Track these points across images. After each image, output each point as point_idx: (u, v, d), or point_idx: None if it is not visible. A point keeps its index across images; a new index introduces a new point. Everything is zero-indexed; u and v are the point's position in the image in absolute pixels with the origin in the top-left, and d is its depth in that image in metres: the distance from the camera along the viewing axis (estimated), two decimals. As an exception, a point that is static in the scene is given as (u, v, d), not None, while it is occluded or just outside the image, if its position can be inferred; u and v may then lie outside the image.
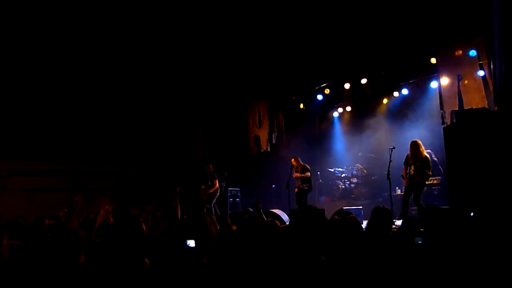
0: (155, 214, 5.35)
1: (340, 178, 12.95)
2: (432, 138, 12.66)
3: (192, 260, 2.77)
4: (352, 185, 12.49)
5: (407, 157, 7.90)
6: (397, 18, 8.98)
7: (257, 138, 12.70)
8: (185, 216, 5.45)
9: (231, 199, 11.54)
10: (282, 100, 13.09)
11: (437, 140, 12.40)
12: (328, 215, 6.12)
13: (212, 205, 10.35)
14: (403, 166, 7.97)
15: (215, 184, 10.31)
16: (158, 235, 3.90)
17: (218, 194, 10.50)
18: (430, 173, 7.67)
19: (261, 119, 12.81)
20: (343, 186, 12.69)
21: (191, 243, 3.13)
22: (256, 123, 12.71)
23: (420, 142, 7.91)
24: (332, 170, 13.47)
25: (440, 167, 10.47)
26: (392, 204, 7.61)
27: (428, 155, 7.88)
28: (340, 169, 13.44)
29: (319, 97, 13.28)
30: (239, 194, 12.01)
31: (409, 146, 7.90)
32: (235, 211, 10.15)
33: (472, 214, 4.68)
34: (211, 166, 10.65)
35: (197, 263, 2.63)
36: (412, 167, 7.67)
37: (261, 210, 5.45)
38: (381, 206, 3.80)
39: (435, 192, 10.04)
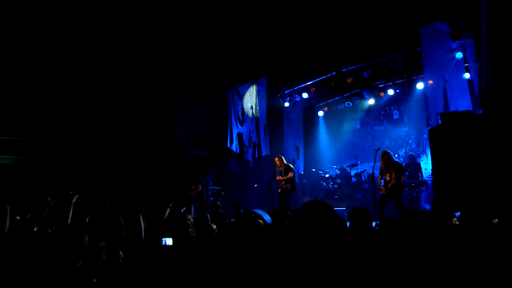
0: None
1: (324, 179, 13.06)
2: (417, 140, 12.98)
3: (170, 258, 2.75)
4: (336, 186, 12.60)
5: (380, 167, 8.09)
6: (383, 15, 9.03)
7: (239, 136, 12.63)
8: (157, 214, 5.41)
9: (212, 199, 11.45)
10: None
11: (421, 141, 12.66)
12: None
13: (193, 207, 10.28)
14: (378, 176, 8.15)
15: (197, 188, 10.24)
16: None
17: (201, 198, 10.48)
18: (403, 177, 7.87)
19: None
20: (327, 187, 12.78)
21: (168, 241, 3.10)
22: (239, 120, 12.64)
23: (388, 151, 8.16)
24: (316, 170, 13.57)
25: (419, 172, 10.72)
26: (375, 205, 7.71)
27: (398, 161, 8.23)
28: (324, 169, 13.56)
29: (305, 95, 13.33)
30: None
31: (380, 157, 8.06)
32: (216, 211, 10.08)
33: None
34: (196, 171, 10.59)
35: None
36: (387, 175, 7.85)
37: (241, 211, 5.42)
38: (358, 208, 3.90)
39: (419, 195, 10.22)
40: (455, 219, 5.12)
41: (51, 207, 5.36)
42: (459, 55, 9.18)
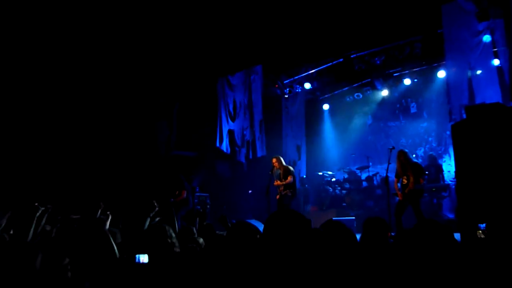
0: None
1: (330, 183, 13.03)
2: (438, 137, 12.99)
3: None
4: (344, 192, 12.58)
5: (396, 170, 8.12)
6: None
7: (231, 134, 12.60)
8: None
9: (199, 207, 11.40)
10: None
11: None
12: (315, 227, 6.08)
13: (177, 217, 10.22)
14: (395, 179, 8.19)
15: (182, 194, 10.18)
16: None
17: (187, 206, 10.41)
18: (422, 181, 7.95)
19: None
20: (333, 193, 12.76)
21: (143, 258, 3.09)
22: (231, 115, 12.60)
23: (405, 151, 8.22)
24: (321, 173, 13.54)
25: (441, 174, 10.73)
26: (390, 215, 7.69)
27: (417, 162, 8.32)
28: (330, 173, 13.52)
29: (307, 85, 13.27)
30: (208, 201, 11.88)
31: (396, 158, 8.09)
32: (203, 221, 10.04)
33: None
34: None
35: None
36: (404, 179, 7.85)
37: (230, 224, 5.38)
38: (372, 217, 3.88)
39: (441, 202, 10.22)
40: (480, 231, 5.08)
41: (11, 218, 5.27)
42: (486, 38, 9.14)
